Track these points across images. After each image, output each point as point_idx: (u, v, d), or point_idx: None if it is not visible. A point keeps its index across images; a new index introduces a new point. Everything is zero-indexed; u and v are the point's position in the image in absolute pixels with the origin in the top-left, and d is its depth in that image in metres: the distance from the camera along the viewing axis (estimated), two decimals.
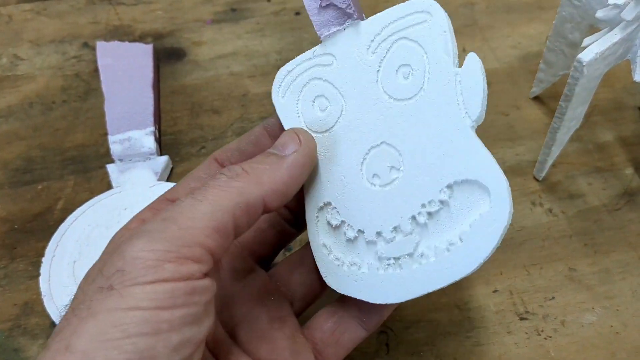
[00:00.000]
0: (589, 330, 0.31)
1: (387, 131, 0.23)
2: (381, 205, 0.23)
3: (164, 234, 0.19)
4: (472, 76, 0.22)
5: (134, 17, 0.45)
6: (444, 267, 0.21)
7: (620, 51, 0.31)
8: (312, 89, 0.24)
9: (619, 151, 0.38)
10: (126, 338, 0.18)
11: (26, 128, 0.39)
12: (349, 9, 0.23)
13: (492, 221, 0.21)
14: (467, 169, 0.21)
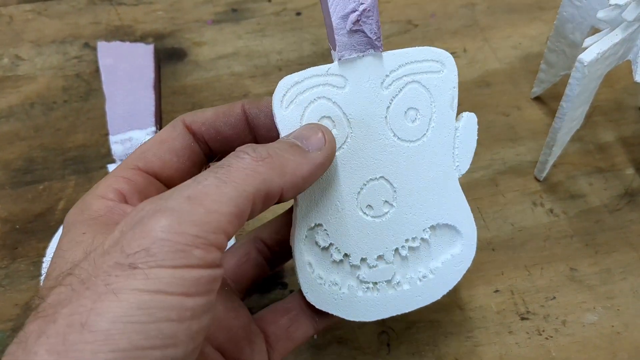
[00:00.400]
0: (590, 330, 0.31)
1: (387, 167, 0.24)
2: (370, 235, 0.25)
3: (192, 216, 0.19)
4: (469, 135, 0.25)
5: (135, 18, 0.45)
6: (414, 294, 0.26)
7: (621, 51, 0.31)
8: (320, 108, 0.23)
9: (620, 151, 0.38)
10: (152, 323, 0.17)
11: (27, 128, 0.39)
12: (377, 42, 0.23)
13: (459, 262, 0.26)
14: (449, 215, 0.25)
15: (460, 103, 0.39)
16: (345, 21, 0.23)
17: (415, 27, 0.45)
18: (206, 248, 0.18)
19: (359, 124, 0.24)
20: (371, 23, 0.23)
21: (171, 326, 0.18)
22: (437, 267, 0.26)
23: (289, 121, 0.23)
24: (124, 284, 0.17)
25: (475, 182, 0.36)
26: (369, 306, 0.25)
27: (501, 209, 0.35)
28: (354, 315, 0.25)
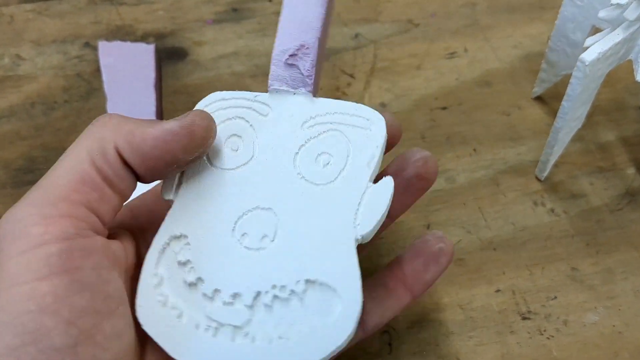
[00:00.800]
0: (591, 330, 0.31)
1: (280, 200, 0.22)
2: (234, 265, 0.22)
3: (28, 199, 0.18)
4: (379, 198, 0.22)
5: (136, 17, 0.45)
6: (261, 354, 0.21)
7: (622, 51, 0.31)
8: (234, 126, 0.23)
9: (621, 151, 0.38)
10: (14, 319, 0.17)
11: (28, 128, 0.39)
12: (308, 79, 0.24)
13: (330, 335, 0.21)
14: (333, 275, 0.21)
15: (461, 102, 0.40)
16: (284, 54, 0.24)
17: (415, 26, 0.45)
18: (44, 221, 0.18)
19: (267, 151, 0.23)
20: (306, 60, 0.23)
21: (33, 317, 0.17)
22: (301, 331, 0.21)
23: None
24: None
25: (477, 182, 0.36)
26: (204, 351, 0.21)
27: (502, 209, 0.35)
28: (181, 355, 0.21)
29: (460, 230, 0.34)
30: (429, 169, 0.26)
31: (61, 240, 0.18)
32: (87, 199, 0.19)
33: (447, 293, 0.32)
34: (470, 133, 0.38)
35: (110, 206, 0.20)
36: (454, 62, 0.42)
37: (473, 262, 0.33)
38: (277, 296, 0.21)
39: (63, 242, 0.18)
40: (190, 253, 0.22)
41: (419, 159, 0.25)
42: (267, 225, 0.22)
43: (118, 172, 0.20)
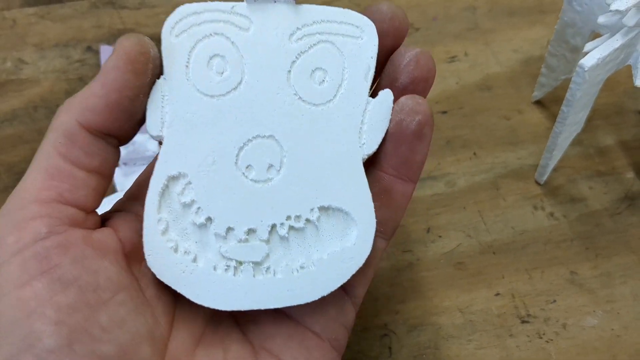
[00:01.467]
0: (591, 333, 0.31)
1: (280, 126, 0.21)
2: (244, 201, 0.21)
3: (1, 210, 0.18)
4: (381, 112, 0.21)
5: (138, 21, 0.45)
6: (285, 288, 0.20)
7: (621, 57, 0.31)
8: (214, 45, 0.21)
9: (620, 155, 0.38)
10: (6, 329, 0.17)
11: (31, 131, 0.39)
12: None
13: (350, 258, 0.21)
14: (345, 199, 0.21)
15: (462, 106, 0.40)
16: None
17: (416, 30, 0.45)
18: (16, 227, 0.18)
19: (257, 72, 0.21)
20: None
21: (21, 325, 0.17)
22: (322, 258, 0.21)
23: (176, 50, 0.21)
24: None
25: (477, 186, 0.36)
26: (227, 291, 0.20)
27: (502, 213, 0.35)
28: (203, 299, 0.20)
29: (460, 234, 0.35)
30: (423, 67, 0.22)
31: (34, 242, 0.18)
32: (57, 192, 0.19)
33: (447, 296, 0.32)
34: (470, 137, 0.39)
35: (89, 189, 0.20)
36: (455, 66, 0.42)
37: (473, 266, 0.33)
38: (293, 227, 0.21)
39: (37, 244, 0.18)
40: (194, 192, 0.21)
41: (409, 61, 0.22)
42: (271, 155, 0.21)
43: (89, 149, 0.19)
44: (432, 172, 0.37)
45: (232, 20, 0.21)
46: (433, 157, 0.38)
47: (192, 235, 0.21)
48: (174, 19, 0.21)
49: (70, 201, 0.19)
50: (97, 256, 0.19)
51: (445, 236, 0.34)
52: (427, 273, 0.33)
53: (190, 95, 0.21)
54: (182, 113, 0.21)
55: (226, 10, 0.21)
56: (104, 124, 0.20)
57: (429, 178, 0.37)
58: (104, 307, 0.18)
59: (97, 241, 0.19)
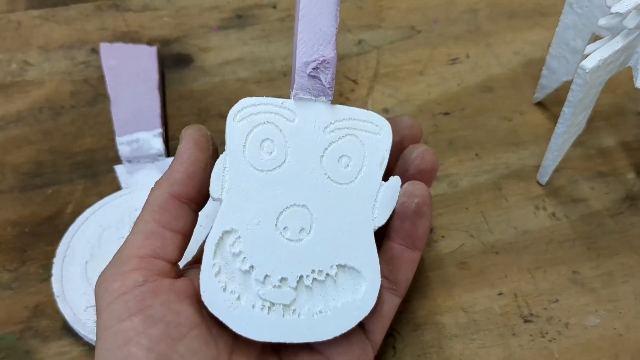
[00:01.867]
0: (593, 332, 0.31)
1: (312, 198, 0.26)
2: (279, 255, 0.26)
3: (110, 264, 0.25)
4: (390, 195, 0.27)
5: (142, 24, 0.45)
6: (307, 327, 0.25)
7: (622, 58, 0.32)
8: (266, 131, 0.27)
9: (621, 156, 0.38)
10: (110, 353, 0.22)
11: (36, 133, 0.39)
12: (329, 90, 0.27)
13: (358, 308, 0.26)
14: (358, 260, 0.26)
15: (464, 108, 0.40)
16: (307, 67, 0.27)
17: (418, 33, 0.45)
18: (119, 279, 0.24)
19: (297, 154, 0.27)
20: (327, 74, 0.27)
21: (121, 350, 0.23)
22: (337, 306, 0.26)
23: (236, 132, 0.26)
24: (97, 334, 0.24)
25: (479, 186, 0.37)
26: (262, 325, 0.25)
27: (504, 213, 0.36)
28: (244, 330, 0.25)
29: (463, 234, 0.35)
30: (427, 162, 0.28)
31: (134, 288, 0.23)
32: (152, 249, 0.25)
33: (450, 296, 0.32)
34: (472, 138, 0.39)
35: (174, 246, 0.25)
36: (456, 68, 0.43)
37: (476, 266, 0.34)
38: (316, 279, 0.26)
39: (135, 289, 0.23)
40: (242, 245, 0.25)
41: (416, 156, 0.28)
42: (303, 220, 0.26)
43: (177, 214, 0.25)
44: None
45: (281, 112, 0.27)
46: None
47: (237, 279, 0.25)
48: (237, 107, 0.27)
49: (161, 256, 0.25)
50: (178, 300, 0.24)
51: (448, 236, 0.35)
52: (431, 273, 0.33)
53: (245, 168, 0.26)
54: (238, 182, 0.26)
55: (277, 104, 0.27)
56: (187, 191, 0.26)
57: None
58: (183, 340, 0.23)
59: (179, 288, 0.24)
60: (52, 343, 0.31)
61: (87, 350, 0.31)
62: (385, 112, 0.40)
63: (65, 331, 0.31)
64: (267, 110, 0.27)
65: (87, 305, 0.31)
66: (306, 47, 0.27)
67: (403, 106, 0.41)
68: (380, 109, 0.41)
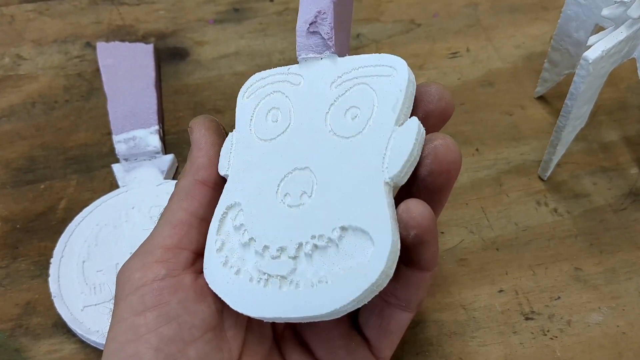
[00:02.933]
0: (595, 330, 0.30)
1: (315, 159, 0.24)
2: (279, 223, 0.23)
3: (135, 253, 0.24)
4: (404, 139, 0.22)
5: (137, 17, 0.45)
6: (303, 300, 0.22)
7: (625, 49, 0.31)
8: (273, 101, 0.25)
9: (624, 151, 0.37)
10: (120, 347, 0.21)
11: (29, 127, 0.39)
12: (330, 42, 0.25)
13: (363, 274, 0.21)
14: (364, 219, 0.22)
15: (464, 102, 0.40)
16: (305, 24, 0.25)
17: (418, 26, 0.44)
18: (142, 269, 0.23)
19: (302, 116, 0.25)
20: (325, 25, 0.25)
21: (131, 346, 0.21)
22: (337, 273, 0.22)
23: (244, 110, 0.26)
24: (111, 323, 0.23)
25: (479, 182, 0.36)
26: (257, 300, 0.23)
27: (505, 209, 0.35)
28: (239, 306, 0.23)
29: (463, 230, 0.34)
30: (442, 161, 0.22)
31: (154, 281, 0.22)
32: (178, 239, 0.24)
33: (449, 293, 0.32)
34: (473, 133, 0.38)
35: (200, 235, 0.24)
36: (457, 62, 0.42)
37: (476, 262, 0.33)
38: (316, 245, 0.22)
39: (155, 283, 0.22)
40: (244, 218, 0.24)
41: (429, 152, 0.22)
42: (304, 184, 0.23)
43: (204, 200, 0.25)
44: None
45: (288, 79, 0.25)
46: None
47: (237, 252, 0.24)
48: (246, 84, 0.26)
49: (187, 246, 0.24)
50: (197, 300, 0.23)
51: (448, 232, 0.34)
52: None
53: (251, 141, 0.25)
54: (243, 156, 0.25)
55: (284, 72, 0.26)
56: (212, 175, 0.25)
57: None
58: (194, 343, 0.22)
59: (201, 286, 0.23)
60: (43, 341, 0.30)
61: (78, 348, 0.30)
62: None
63: (56, 329, 0.31)
64: (274, 80, 0.26)
65: (84, 304, 0.30)
66: (304, 7, 0.25)
67: None
68: None
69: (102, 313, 0.30)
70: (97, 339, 0.29)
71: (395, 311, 0.25)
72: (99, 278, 0.31)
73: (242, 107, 0.26)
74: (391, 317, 0.25)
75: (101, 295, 0.31)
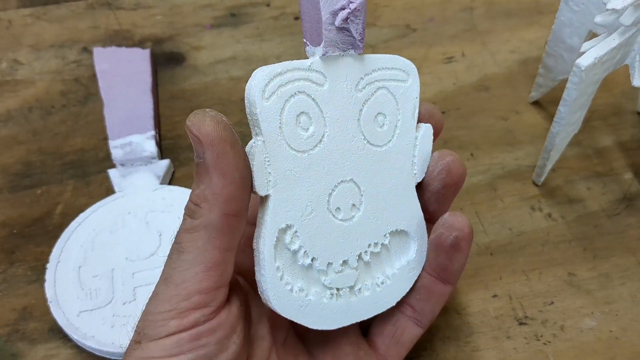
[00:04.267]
0: (588, 335, 0.31)
1: (356, 169, 0.25)
2: (337, 239, 0.24)
3: (165, 295, 0.22)
4: (426, 145, 0.26)
5: (134, 22, 0.45)
6: (373, 301, 0.25)
7: (618, 56, 0.31)
8: (299, 103, 0.23)
9: (618, 156, 0.38)
10: None
11: (26, 132, 0.39)
12: (361, 42, 0.24)
13: (412, 268, 0.26)
14: (405, 221, 0.26)
15: (459, 107, 0.40)
16: (334, 17, 0.23)
17: (413, 31, 0.45)
18: (180, 316, 0.22)
19: (335, 123, 0.24)
20: (358, 23, 0.23)
21: None
22: (394, 273, 0.26)
23: (269, 114, 0.22)
24: (132, 356, 0.22)
25: (474, 187, 0.36)
26: (333, 313, 0.24)
27: (499, 214, 0.35)
28: (318, 324, 0.24)
29: None
30: (454, 175, 0.26)
31: (192, 327, 0.22)
32: (215, 280, 0.22)
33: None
34: (467, 138, 0.38)
35: (232, 264, 0.23)
36: (452, 67, 0.42)
37: (470, 267, 0.33)
38: (373, 252, 0.25)
39: (193, 329, 0.22)
40: (300, 240, 0.24)
41: (442, 168, 0.26)
42: (352, 196, 0.25)
43: (235, 233, 0.23)
44: None
45: (310, 77, 0.23)
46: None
47: (300, 274, 0.24)
48: (261, 81, 0.22)
49: (224, 283, 0.23)
50: (231, 332, 0.23)
51: None
52: None
53: (286, 154, 0.23)
54: (283, 171, 0.23)
55: (304, 67, 0.23)
56: (242, 204, 0.22)
57: None
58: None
59: (233, 315, 0.23)
60: (40, 346, 0.30)
61: (74, 353, 0.30)
62: None
63: (52, 334, 0.31)
64: (295, 78, 0.23)
65: (80, 310, 0.30)
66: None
67: None
68: None
69: (97, 318, 0.30)
70: (93, 344, 0.29)
71: (409, 323, 0.27)
72: (95, 283, 0.31)
73: (265, 112, 0.22)
74: (405, 328, 0.27)
75: (97, 300, 0.31)
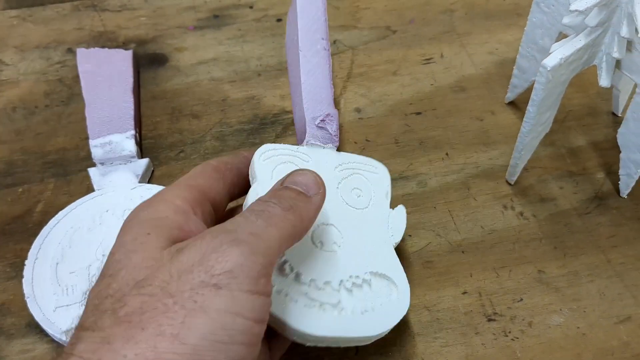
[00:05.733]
0: (556, 331, 0.31)
1: (337, 219, 0.30)
2: (320, 262, 0.28)
3: (259, 249, 0.21)
4: (400, 220, 0.32)
5: (118, 24, 0.46)
6: (358, 323, 0.27)
7: (585, 57, 0.32)
8: (288, 168, 0.30)
9: (592, 156, 0.38)
10: (232, 344, 0.19)
11: (9, 132, 0.39)
12: (335, 138, 0.34)
13: (395, 309, 0.29)
14: (386, 269, 0.29)
15: (435, 107, 0.40)
16: (315, 120, 0.34)
17: (393, 33, 0.45)
18: (267, 277, 0.21)
19: None
20: (333, 125, 0.34)
21: (243, 349, 0.20)
22: (377, 307, 0.28)
23: (263, 169, 0.30)
24: (212, 303, 0.19)
25: (447, 186, 0.37)
26: (318, 320, 0.27)
27: (472, 212, 0.36)
28: (304, 326, 0.26)
29: (430, 233, 0.35)
30: None
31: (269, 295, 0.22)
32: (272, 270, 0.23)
33: (414, 295, 0.32)
34: (443, 138, 0.39)
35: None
36: (430, 68, 0.43)
37: (441, 265, 0.34)
38: (354, 283, 0.28)
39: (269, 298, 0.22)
40: (285, 256, 0.28)
41: None
42: (333, 236, 0.29)
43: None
44: (404, 173, 0.37)
45: (297, 155, 0.31)
46: (405, 158, 0.38)
47: (286, 284, 0.27)
48: (260, 150, 0.30)
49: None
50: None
51: (415, 235, 0.35)
52: None
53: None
54: None
55: (293, 149, 0.32)
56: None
57: (400, 178, 0.37)
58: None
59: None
60: (16, 341, 0.31)
61: (50, 348, 0.31)
62: (358, 112, 0.41)
63: (29, 329, 0.31)
64: (285, 153, 0.31)
65: (57, 305, 0.31)
66: (312, 107, 0.34)
67: (375, 106, 0.41)
68: (352, 108, 0.41)
69: (73, 314, 0.31)
70: (69, 339, 0.30)
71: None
72: (72, 280, 0.32)
73: (260, 167, 0.30)
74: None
75: (73, 296, 0.31)
